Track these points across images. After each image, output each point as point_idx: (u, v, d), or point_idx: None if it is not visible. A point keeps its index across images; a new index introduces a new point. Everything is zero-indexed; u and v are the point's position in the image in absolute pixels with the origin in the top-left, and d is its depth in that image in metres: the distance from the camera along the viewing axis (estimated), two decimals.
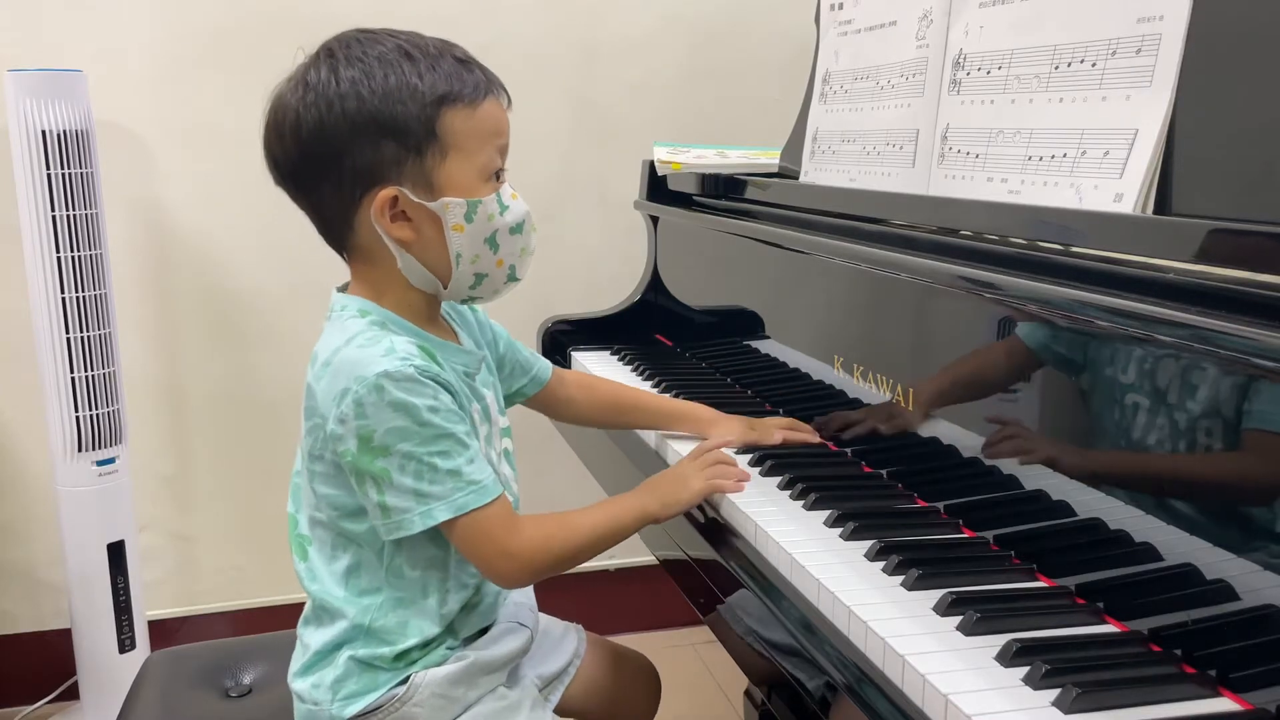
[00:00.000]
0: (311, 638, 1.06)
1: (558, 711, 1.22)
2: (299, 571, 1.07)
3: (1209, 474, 0.79)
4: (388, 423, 0.95)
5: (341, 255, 1.07)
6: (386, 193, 0.99)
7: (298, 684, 1.06)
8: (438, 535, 1.02)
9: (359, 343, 0.98)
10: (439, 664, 1.05)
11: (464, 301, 1.09)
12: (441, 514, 0.97)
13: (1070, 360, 0.90)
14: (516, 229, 1.05)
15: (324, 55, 1.00)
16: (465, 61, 1.02)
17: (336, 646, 1.04)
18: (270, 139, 1.02)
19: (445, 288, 1.05)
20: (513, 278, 1.07)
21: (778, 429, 1.27)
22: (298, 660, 1.08)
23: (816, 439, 1.28)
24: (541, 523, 1.05)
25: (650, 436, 1.37)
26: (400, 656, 1.03)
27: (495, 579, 1.06)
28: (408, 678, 1.03)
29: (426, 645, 1.05)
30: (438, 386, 0.98)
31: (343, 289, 1.07)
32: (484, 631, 1.12)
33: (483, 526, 0.99)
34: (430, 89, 0.98)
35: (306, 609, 1.08)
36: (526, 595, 1.21)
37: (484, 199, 1.02)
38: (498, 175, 1.04)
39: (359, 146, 0.98)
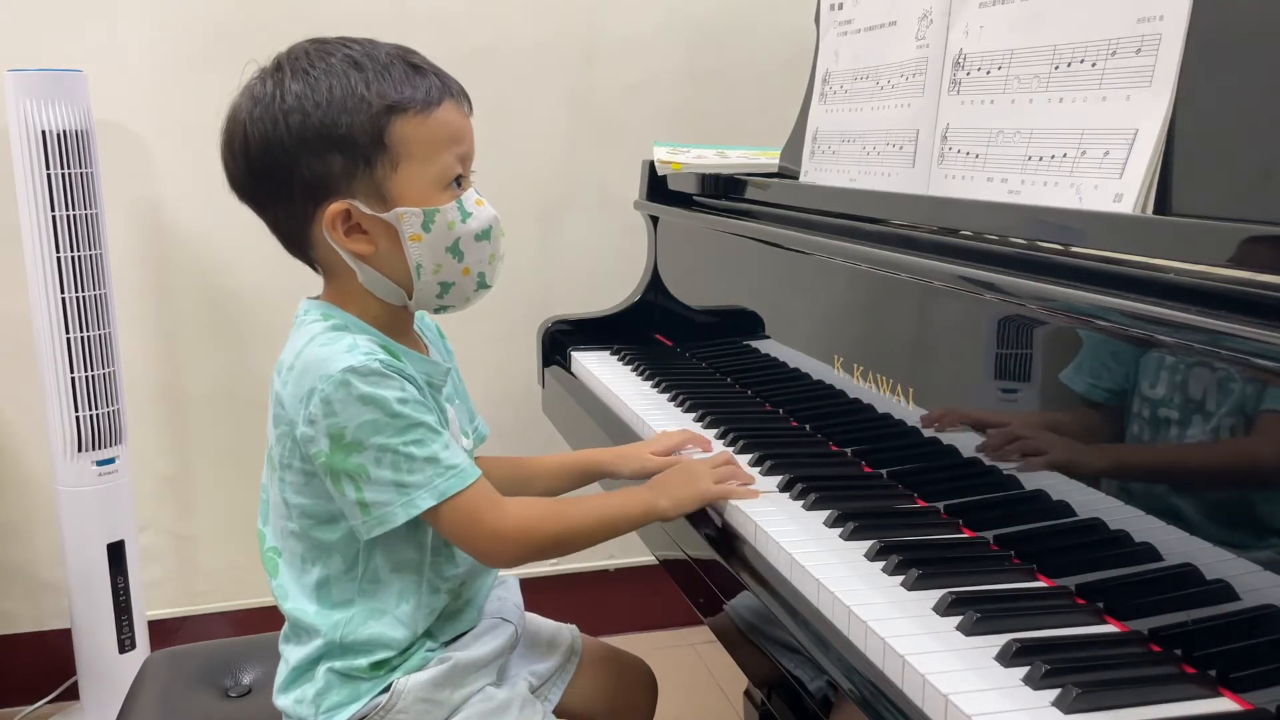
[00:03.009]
0: (291, 654, 1.05)
1: (556, 713, 1.22)
2: (273, 589, 1.06)
3: (1209, 474, 0.79)
4: (358, 417, 0.94)
5: (315, 270, 1.07)
6: (337, 206, 0.98)
7: (281, 700, 1.06)
8: (412, 538, 1.02)
9: (320, 341, 0.98)
10: (419, 668, 1.04)
11: (436, 311, 1.07)
12: (424, 501, 0.96)
13: (1070, 361, 0.90)
14: (483, 235, 1.03)
15: (273, 69, 1.00)
16: (418, 68, 1.00)
17: (314, 662, 1.03)
18: (225, 156, 1.02)
19: (410, 298, 1.04)
20: (483, 285, 1.06)
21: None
22: (280, 676, 1.07)
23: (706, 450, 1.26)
24: (533, 504, 1.04)
25: (647, 435, 1.36)
26: (378, 665, 1.02)
27: (484, 560, 1.05)
28: (389, 685, 1.02)
29: (404, 652, 1.04)
30: (403, 379, 0.97)
31: (313, 298, 1.07)
32: (465, 633, 1.11)
33: (467, 509, 0.98)
34: (378, 98, 0.97)
35: (285, 626, 1.08)
36: (511, 591, 1.21)
37: (442, 207, 1.00)
38: (459, 182, 1.02)
39: (306, 161, 0.97)
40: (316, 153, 0.97)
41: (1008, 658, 0.77)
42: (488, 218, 1.03)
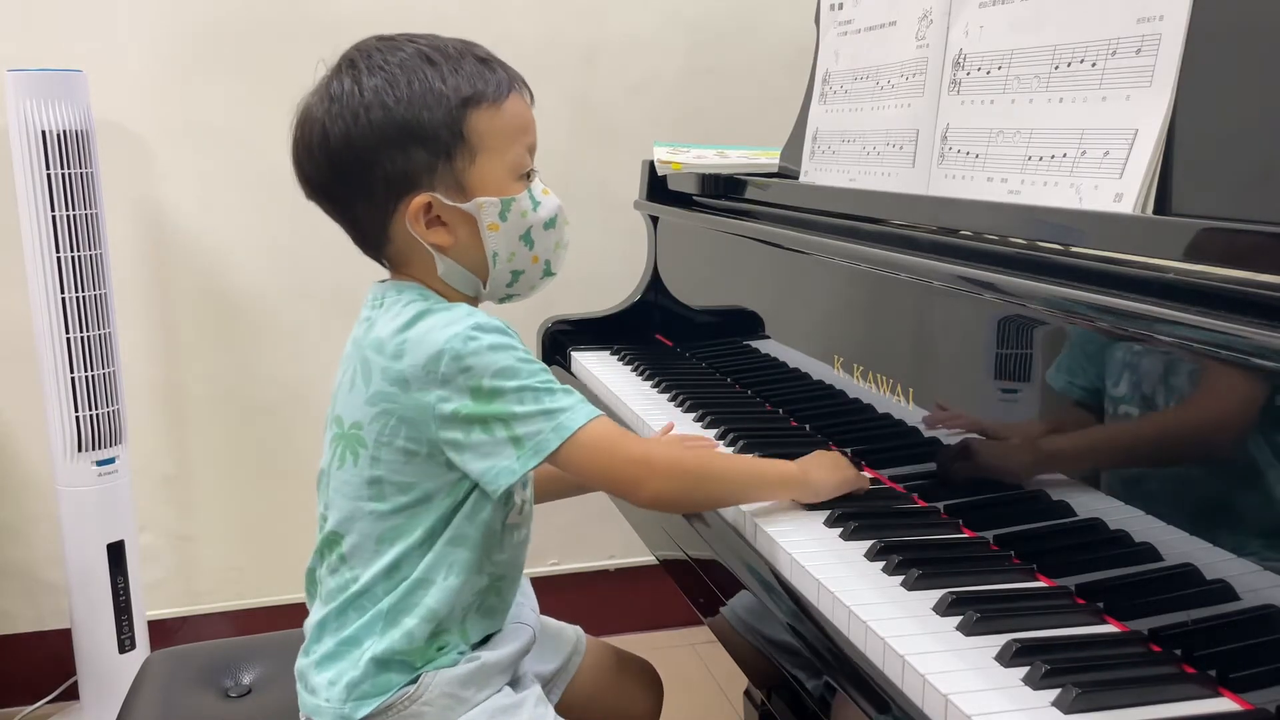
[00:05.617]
0: (332, 624, 1.03)
1: (560, 712, 1.22)
2: (322, 569, 1.04)
3: (1209, 474, 0.79)
4: (493, 365, 0.95)
5: (382, 264, 1.08)
6: (420, 200, 0.99)
7: (314, 676, 1.03)
8: (475, 515, 1.00)
9: (436, 312, 0.99)
10: (450, 666, 1.04)
11: (501, 300, 1.10)
12: (574, 421, 0.96)
13: (1070, 360, 0.90)
14: (550, 224, 1.07)
15: (346, 66, 1.00)
16: (486, 60, 1.03)
17: (356, 641, 1.01)
18: (300, 155, 1.02)
19: (485, 287, 1.07)
20: (548, 272, 1.09)
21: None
22: (315, 650, 1.04)
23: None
24: (664, 441, 1.05)
25: (648, 436, 1.36)
26: (415, 653, 1.01)
27: (628, 490, 1.02)
28: (418, 676, 1.02)
29: (441, 648, 1.03)
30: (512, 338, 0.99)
31: (388, 280, 1.07)
32: (489, 636, 1.11)
33: (608, 435, 0.99)
34: (454, 92, 0.99)
35: (325, 609, 1.04)
36: (527, 595, 1.21)
37: (517, 196, 1.03)
38: (528, 175, 1.05)
39: (389, 155, 0.98)
40: (399, 146, 0.98)
41: (1008, 658, 0.77)
42: (554, 206, 1.07)
